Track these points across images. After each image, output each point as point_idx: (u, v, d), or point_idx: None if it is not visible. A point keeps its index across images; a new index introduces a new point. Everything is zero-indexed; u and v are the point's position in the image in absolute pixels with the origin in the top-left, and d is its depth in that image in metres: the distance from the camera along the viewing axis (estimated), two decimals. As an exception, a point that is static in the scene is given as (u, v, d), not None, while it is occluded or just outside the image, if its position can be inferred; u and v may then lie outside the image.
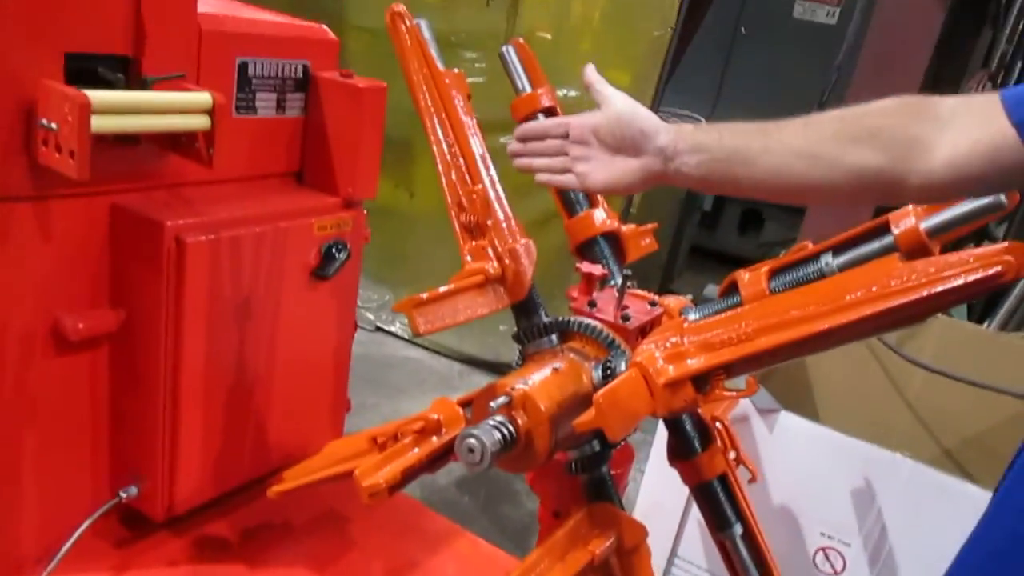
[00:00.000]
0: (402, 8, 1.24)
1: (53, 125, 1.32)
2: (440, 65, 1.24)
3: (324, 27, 1.90)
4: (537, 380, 1.01)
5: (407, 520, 2.08)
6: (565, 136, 1.12)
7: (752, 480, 1.44)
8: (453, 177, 1.19)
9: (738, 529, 1.32)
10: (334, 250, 1.82)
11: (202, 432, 1.71)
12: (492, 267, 1.08)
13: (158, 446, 1.65)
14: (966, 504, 1.67)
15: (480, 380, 3.27)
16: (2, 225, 1.41)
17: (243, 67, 1.71)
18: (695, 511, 1.94)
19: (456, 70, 1.25)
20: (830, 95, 2.67)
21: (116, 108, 1.37)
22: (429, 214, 3.49)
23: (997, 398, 2.24)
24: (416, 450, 1.14)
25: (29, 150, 1.38)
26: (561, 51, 3.20)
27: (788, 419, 1.84)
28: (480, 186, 1.16)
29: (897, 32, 2.43)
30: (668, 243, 4.14)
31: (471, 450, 0.96)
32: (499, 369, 3.33)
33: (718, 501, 1.33)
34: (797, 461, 1.78)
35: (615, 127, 1.08)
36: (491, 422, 0.98)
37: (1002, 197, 1.06)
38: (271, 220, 1.71)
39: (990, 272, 0.80)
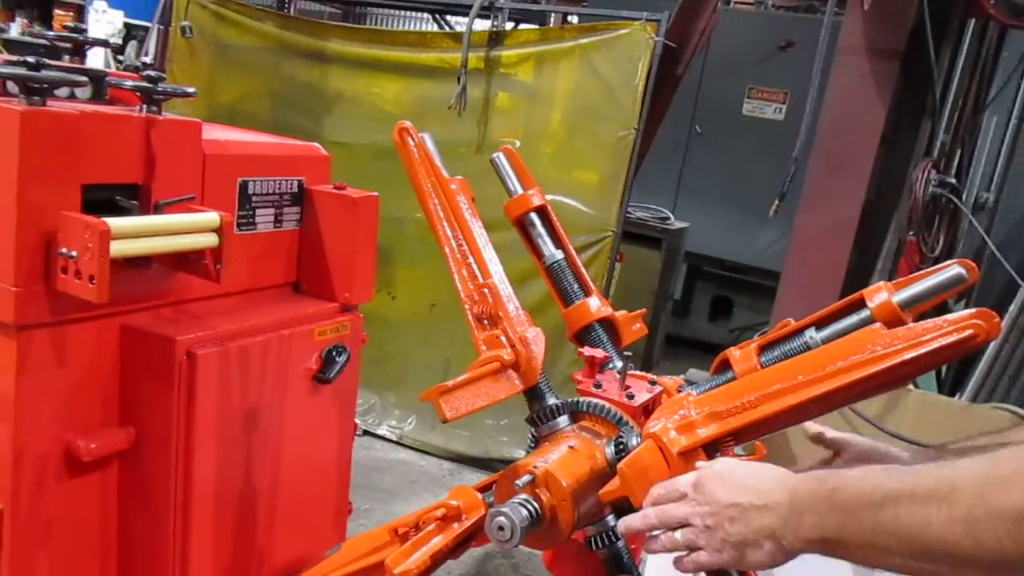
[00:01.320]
0: (408, 124, 1.35)
1: (73, 253, 1.39)
2: (445, 173, 1.35)
3: (316, 145, 2.02)
4: (556, 458, 1.08)
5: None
6: None
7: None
8: (465, 273, 1.27)
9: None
10: (334, 353, 1.89)
11: (212, 546, 1.72)
12: (507, 354, 1.16)
13: (169, 561, 1.65)
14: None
15: (470, 478, 3.28)
16: (21, 354, 1.45)
17: (244, 186, 1.81)
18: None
19: (460, 177, 1.35)
20: (789, 185, 2.84)
21: (132, 233, 1.45)
22: (411, 317, 3.57)
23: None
24: (440, 537, 1.18)
25: (48, 279, 1.44)
26: (529, 155, 3.37)
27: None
28: (491, 280, 1.25)
29: (845, 127, 2.63)
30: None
31: (501, 528, 1.01)
32: (489, 465, 3.35)
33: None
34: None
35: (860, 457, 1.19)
36: (517, 500, 1.03)
37: (964, 271, 1.17)
38: (274, 328, 1.77)
39: (964, 335, 0.89)
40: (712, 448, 1.01)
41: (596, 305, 1.42)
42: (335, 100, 3.76)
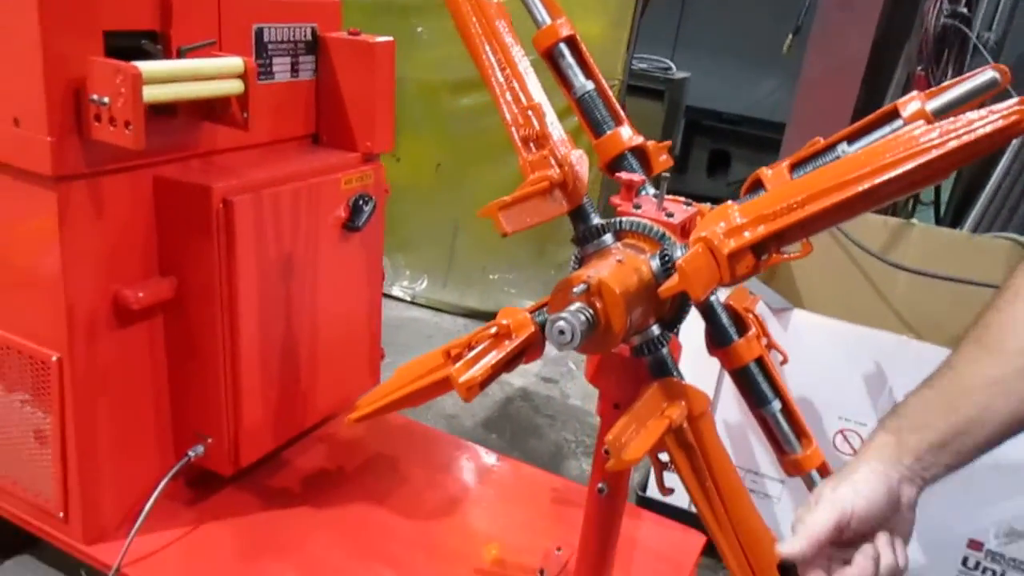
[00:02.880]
0: None
1: (105, 99, 1.39)
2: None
3: (326, -9, 1.97)
4: (607, 270, 1.13)
5: (451, 454, 2.20)
6: None
7: (784, 362, 1.58)
8: (509, 97, 1.28)
9: (777, 404, 1.46)
10: (361, 202, 1.91)
11: (260, 387, 1.80)
12: (555, 174, 1.19)
13: (222, 405, 1.74)
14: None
15: (484, 333, 3.38)
16: (62, 205, 1.47)
17: (259, 33, 1.78)
18: (720, 406, 2.09)
19: (497, 1, 1.34)
20: (803, 19, 2.80)
21: (162, 77, 1.44)
22: (417, 179, 3.57)
23: (976, 294, 2.42)
24: (495, 352, 1.26)
25: (81, 128, 1.45)
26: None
27: (800, 315, 1.99)
28: (535, 102, 1.26)
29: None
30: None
31: (562, 332, 1.07)
32: (501, 320, 3.44)
33: (756, 381, 1.45)
34: (811, 353, 1.93)
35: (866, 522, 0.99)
36: (575, 308, 1.09)
37: (997, 75, 1.19)
38: (303, 178, 1.79)
39: (1010, 121, 0.93)
40: (760, 249, 1.06)
41: (628, 134, 1.43)
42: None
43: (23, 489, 1.73)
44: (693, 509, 2.18)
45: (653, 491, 2.23)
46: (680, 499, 2.18)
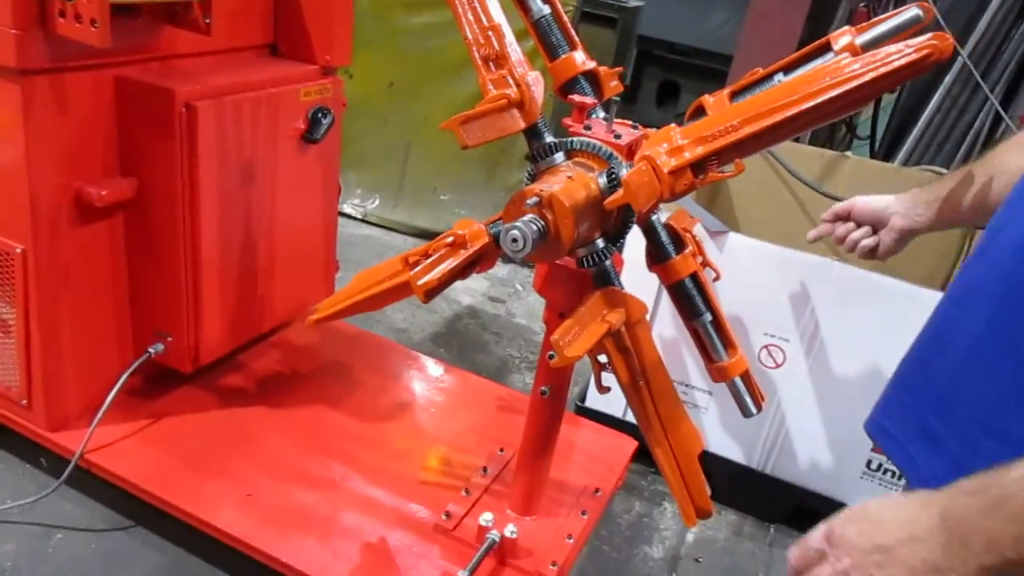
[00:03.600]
0: None
1: (71, -5, 1.40)
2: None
3: None
4: (558, 185, 1.22)
5: (402, 363, 2.31)
6: None
7: (716, 279, 1.70)
8: (471, 17, 1.34)
9: (708, 316, 1.59)
10: (320, 115, 1.95)
11: (220, 288, 1.86)
12: (513, 92, 1.26)
13: (182, 303, 1.80)
14: (881, 294, 2.00)
15: (433, 251, 3.45)
16: (26, 98, 1.49)
17: (220, -62, 1.77)
18: (656, 323, 2.23)
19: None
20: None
21: (126, -24, 1.45)
22: (369, 97, 3.56)
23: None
24: (451, 260, 1.34)
25: (45, 23, 1.46)
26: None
27: (735, 238, 2.11)
28: (495, 23, 1.32)
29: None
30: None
31: (515, 240, 1.17)
32: (450, 240, 3.52)
33: (691, 295, 1.58)
34: (743, 273, 2.06)
35: (863, 218, 1.69)
36: (527, 218, 1.18)
37: (920, 12, 1.29)
38: (263, 87, 1.82)
39: (923, 54, 1.03)
40: (698, 167, 1.16)
41: (581, 59, 1.50)
42: None
43: (-14, 380, 1.78)
44: (627, 418, 2.34)
45: (591, 402, 2.38)
46: (615, 408, 2.35)
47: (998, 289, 0.86)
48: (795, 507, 2.24)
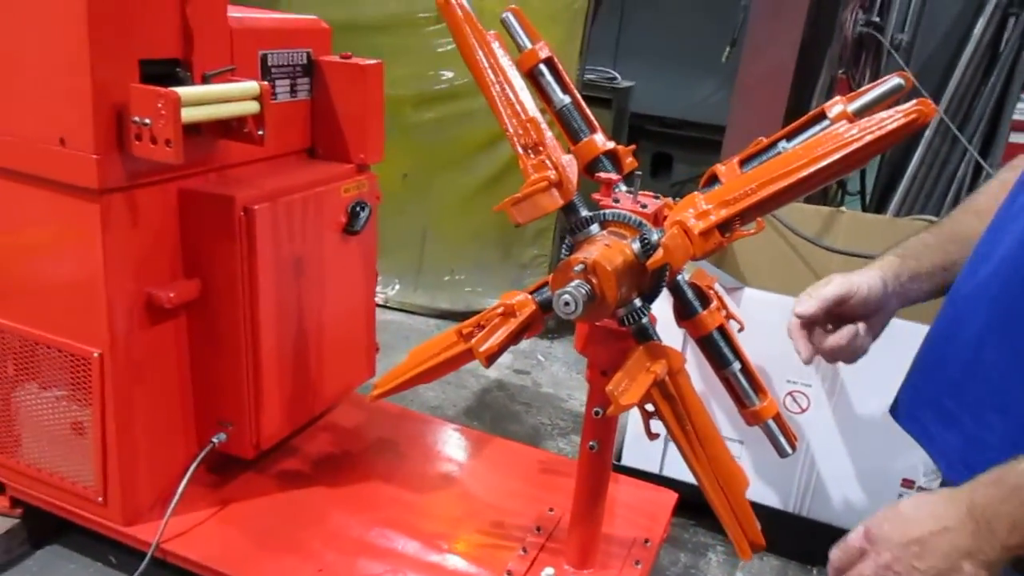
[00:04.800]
0: None
1: (147, 120, 1.58)
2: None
3: (318, 18, 2.17)
4: (598, 252, 1.36)
5: (443, 436, 2.41)
6: None
7: (740, 330, 1.83)
8: (509, 112, 1.50)
9: (737, 365, 1.71)
10: (358, 208, 2.12)
11: (277, 377, 1.99)
12: (552, 175, 1.42)
13: (244, 393, 1.92)
14: (893, 334, 2.13)
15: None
16: (104, 215, 1.65)
17: (264, 58, 1.97)
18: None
19: (493, 31, 1.56)
20: (740, 31, 3.10)
21: (194, 100, 1.62)
22: (384, 188, 3.71)
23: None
24: (504, 328, 1.48)
25: (122, 146, 1.63)
26: (486, 22, 3.52)
27: (750, 292, 2.25)
28: (532, 115, 1.49)
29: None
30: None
31: (567, 303, 1.30)
32: (470, 316, 3.65)
33: (719, 346, 1.71)
34: (761, 325, 2.19)
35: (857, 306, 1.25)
36: (575, 283, 1.32)
37: (902, 81, 1.46)
38: (310, 187, 1.99)
39: (911, 118, 1.19)
40: (724, 227, 1.31)
41: (602, 140, 1.67)
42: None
43: (61, 478, 1.89)
44: (664, 472, 2.43)
45: (627, 460, 2.48)
46: (652, 464, 2.44)
47: (999, 287, 0.99)
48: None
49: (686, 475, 1.58)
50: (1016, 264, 0.97)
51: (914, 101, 1.22)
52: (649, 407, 1.51)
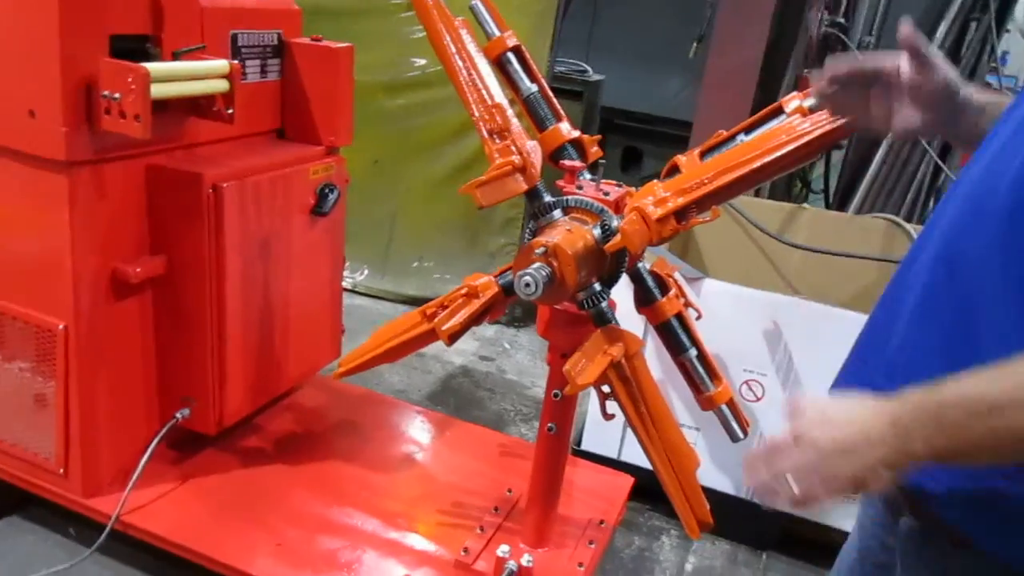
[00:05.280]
0: None
1: (116, 95, 1.59)
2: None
3: (290, 0, 2.18)
4: (560, 236, 1.40)
5: (406, 418, 2.45)
6: None
7: (698, 318, 1.88)
8: (476, 97, 1.53)
9: (693, 352, 1.77)
10: (327, 190, 2.14)
11: (242, 353, 2.00)
12: (517, 160, 1.45)
13: (208, 369, 1.94)
14: (847, 327, 2.19)
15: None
16: (71, 188, 1.66)
17: (234, 38, 1.98)
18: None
19: (461, 18, 1.59)
20: (707, 28, 3.15)
21: (163, 76, 1.64)
22: (354, 174, 3.71)
23: (861, 267, 2.80)
24: (467, 308, 1.51)
25: (90, 120, 1.63)
26: (456, 10, 3.54)
27: (710, 283, 2.31)
28: (498, 101, 1.52)
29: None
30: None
31: (527, 284, 1.33)
32: (437, 305, 3.69)
33: (677, 333, 1.76)
34: (719, 316, 2.25)
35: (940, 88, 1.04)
36: (536, 265, 1.36)
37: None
38: (278, 167, 2.00)
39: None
40: (681, 215, 1.35)
41: (567, 129, 1.70)
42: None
43: (22, 450, 1.89)
44: (622, 458, 2.48)
45: (587, 444, 2.53)
46: (610, 449, 2.50)
47: (927, 272, 1.03)
48: (785, 534, 2.39)
49: (643, 461, 1.62)
50: (947, 250, 1.01)
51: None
52: (606, 388, 1.56)
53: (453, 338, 1.46)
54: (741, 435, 1.81)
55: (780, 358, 2.28)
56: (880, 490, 0.95)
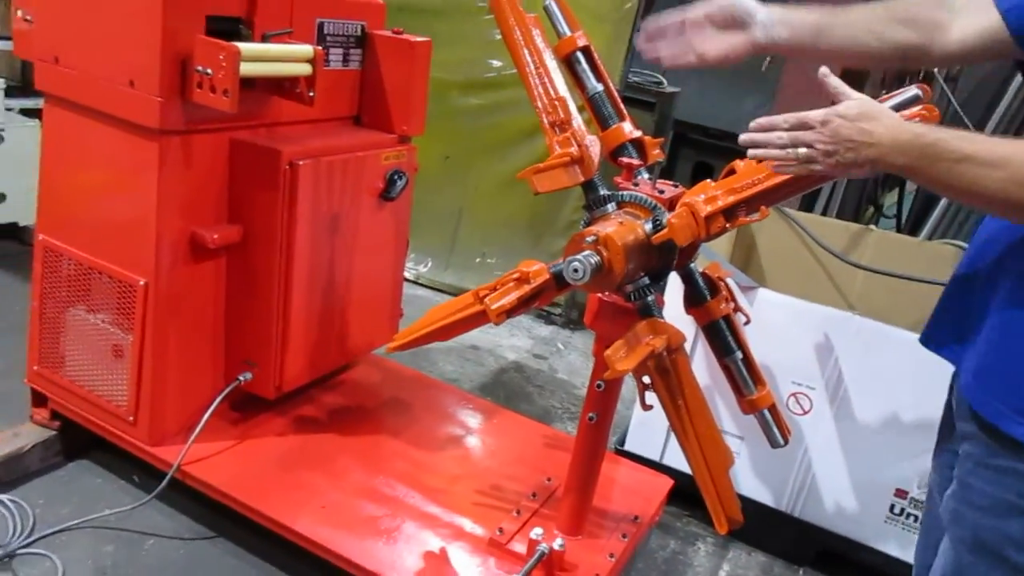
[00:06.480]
0: None
1: (208, 71, 1.71)
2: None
3: (376, -7, 2.29)
4: (611, 228, 1.45)
5: (455, 402, 2.52)
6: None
7: (747, 322, 1.91)
8: (541, 90, 1.60)
9: (739, 355, 1.79)
10: (396, 176, 2.23)
11: (304, 325, 2.11)
12: (575, 151, 1.51)
13: (272, 337, 2.05)
14: (898, 345, 2.18)
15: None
16: (162, 154, 1.79)
17: (320, 26, 2.09)
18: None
19: (532, 15, 1.66)
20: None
21: (252, 56, 1.75)
22: (424, 168, 3.83)
23: (926, 292, 2.77)
24: (517, 291, 1.57)
25: (184, 92, 1.76)
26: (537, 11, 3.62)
27: (765, 293, 2.32)
28: (562, 95, 1.59)
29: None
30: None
31: (576, 270, 1.39)
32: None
33: (724, 335, 1.79)
34: (772, 325, 2.26)
35: (726, 7, 1.43)
36: (585, 253, 1.41)
37: (920, 92, 1.53)
38: (352, 150, 2.11)
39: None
40: (729, 213, 1.39)
41: (629, 128, 1.76)
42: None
43: (98, 396, 2.03)
44: (664, 461, 2.51)
45: (630, 445, 2.56)
46: (653, 451, 2.52)
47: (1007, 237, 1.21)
48: (822, 550, 2.38)
49: (685, 466, 1.66)
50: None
51: (920, 106, 1.30)
52: (646, 380, 1.60)
53: (502, 317, 1.52)
54: (781, 441, 1.83)
55: (830, 373, 2.27)
56: (855, 175, 1.24)
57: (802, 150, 1.21)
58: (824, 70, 1.30)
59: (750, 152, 1.31)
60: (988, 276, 1.24)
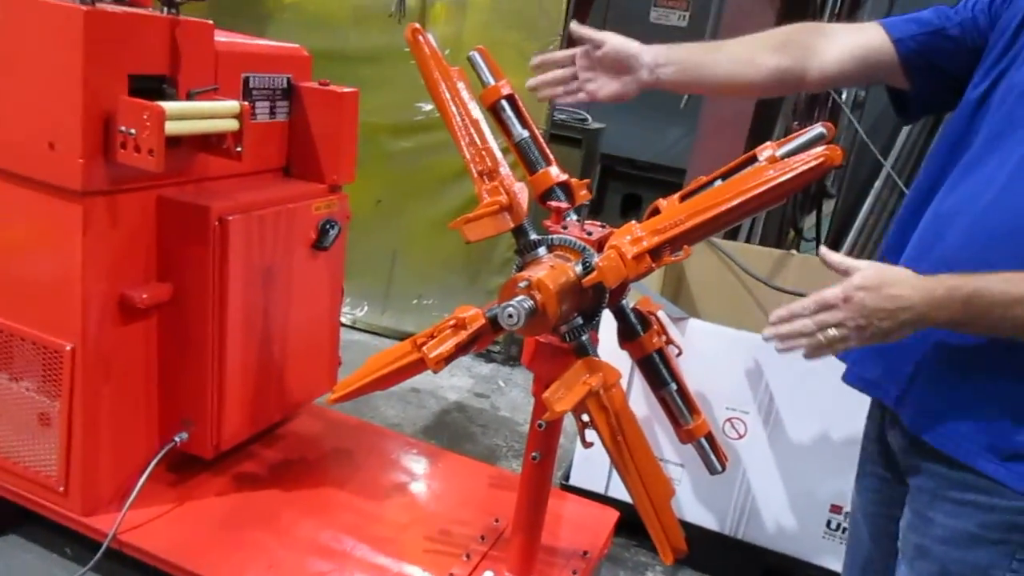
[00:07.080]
0: (418, 26, 1.67)
1: (133, 131, 1.69)
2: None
3: (300, 46, 2.31)
4: (543, 271, 1.48)
5: (399, 449, 2.51)
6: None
7: (679, 354, 1.96)
8: (467, 141, 1.64)
9: (673, 386, 1.84)
10: (328, 226, 2.24)
11: (241, 380, 2.08)
12: (504, 199, 1.55)
13: (208, 394, 2.02)
14: (828, 368, 2.26)
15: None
16: (86, 216, 1.76)
17: (246, 80, 2.10)
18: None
19: (456, 68, 1.70)
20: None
21: (178, 115, 1.74)
22: (357, 212, 3.76)
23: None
24: (454, 338, 1.59)
25: (107, 153, 1.74)
26: (463, 61, 3.68)
27: (695, 323, 2.39)
28: (488, 145, 1.62)
29: (740, 30, 3.04)
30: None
31: (510, 315, 1.42)
32: (435, 342, 3.77)
33: (658, 368, 1.84)
34: (704, 354, 2.32)
35: (612, 55, 1.51)
36: (519, 298, 1.44)
37: (824, 130, 1.62)
38: (282, 203, 2.10)
39: (819, 161, 1.34)
40: (655, 253, 1.44)
41: (556, 172, 1.80)
42: (275, 8, 3.95)
43: (25, 467, 1.96)
44: (609, 493, 2.54)
45: (575, 480, 2.59)
46: (597, 484, 2.55)
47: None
48: (766, 569, 2.44)
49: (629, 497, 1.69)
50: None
51: (824, 147, 1.37)
52: (585, 418, 1.63)
53: (440, 365, 1.54)
54: (719, 468, 1.88)
55: (762, 397, 2.34)
56: (895, 340, 1.16)
57: (831, 331, 1.16)
58: (823, 250, 1.29)
59: (777, 346, 1.26)
60: None
